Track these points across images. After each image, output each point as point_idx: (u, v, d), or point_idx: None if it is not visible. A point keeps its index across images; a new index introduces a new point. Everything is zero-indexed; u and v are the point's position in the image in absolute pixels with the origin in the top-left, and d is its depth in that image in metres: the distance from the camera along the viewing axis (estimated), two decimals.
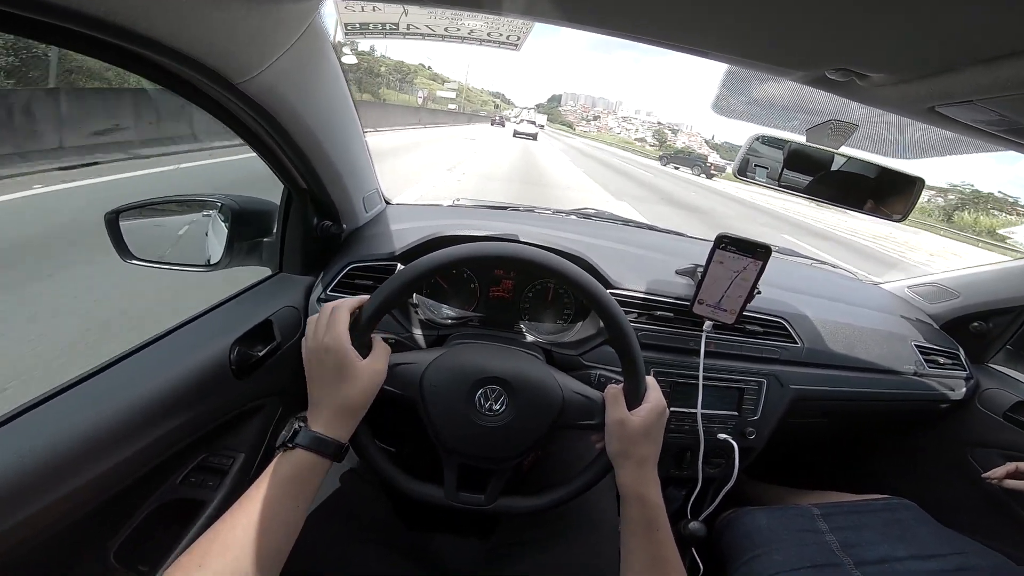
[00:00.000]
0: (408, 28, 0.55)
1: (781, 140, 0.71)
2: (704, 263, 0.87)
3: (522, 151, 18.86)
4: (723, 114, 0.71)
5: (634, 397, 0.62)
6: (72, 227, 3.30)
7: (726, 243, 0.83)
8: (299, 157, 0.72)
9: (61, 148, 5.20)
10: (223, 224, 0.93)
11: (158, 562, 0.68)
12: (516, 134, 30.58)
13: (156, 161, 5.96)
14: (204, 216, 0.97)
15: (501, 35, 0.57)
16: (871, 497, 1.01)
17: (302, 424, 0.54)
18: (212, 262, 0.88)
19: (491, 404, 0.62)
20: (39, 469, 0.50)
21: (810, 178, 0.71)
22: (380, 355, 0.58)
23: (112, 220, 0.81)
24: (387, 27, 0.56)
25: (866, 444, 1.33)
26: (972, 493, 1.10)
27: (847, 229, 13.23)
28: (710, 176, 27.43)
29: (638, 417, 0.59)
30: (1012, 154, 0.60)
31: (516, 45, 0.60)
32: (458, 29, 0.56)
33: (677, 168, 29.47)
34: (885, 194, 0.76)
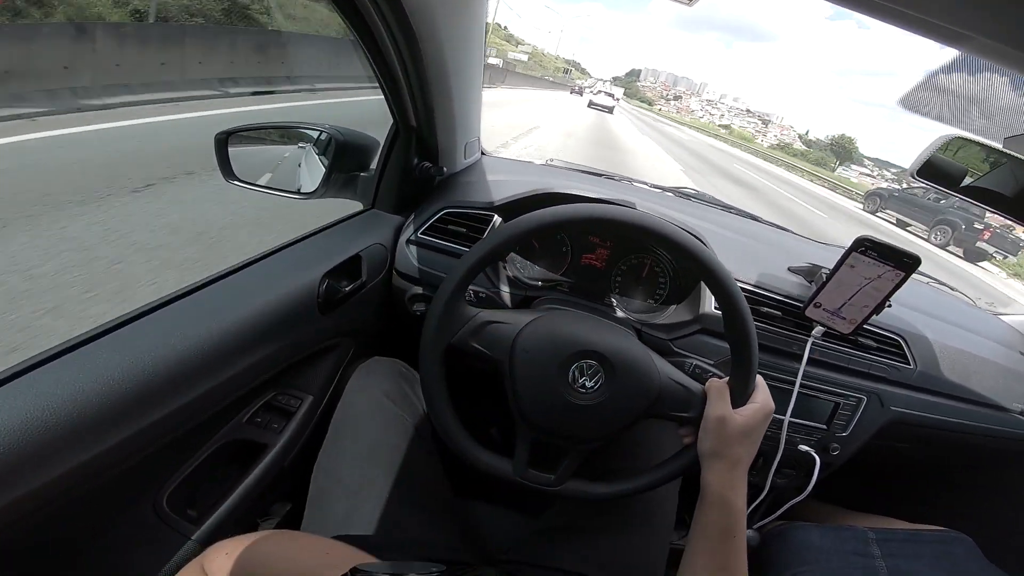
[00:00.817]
0: None
1: (981, 145, 0.60)
2: (827, 265, 0.79)
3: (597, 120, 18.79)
4: (913, 109, 0.61)
5: (741, 394, 0.56)
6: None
7: (866, 247, 0.74)
8: (422, 90, 0.68)
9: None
10: (317, 156, 0.92)
11: (209, 508, 0.64)
12: (591, 104, 29.13)
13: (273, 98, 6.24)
14: (299, 147, 0.96)
15: None
16: (928, 527, 0.95)
17: None
18: (306, 191, 0.87)
19: (585, 380, 0.58)
20: (100, 408, 0.44)
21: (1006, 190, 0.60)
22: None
23: (222, 141, 0.82)
24: None
25: (943, 475, 1.24)
26: None
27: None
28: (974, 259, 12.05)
29: (742, 416, 0.54)
30: None
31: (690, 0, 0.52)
32: None
33: (907, 226, 13.72)
34: None
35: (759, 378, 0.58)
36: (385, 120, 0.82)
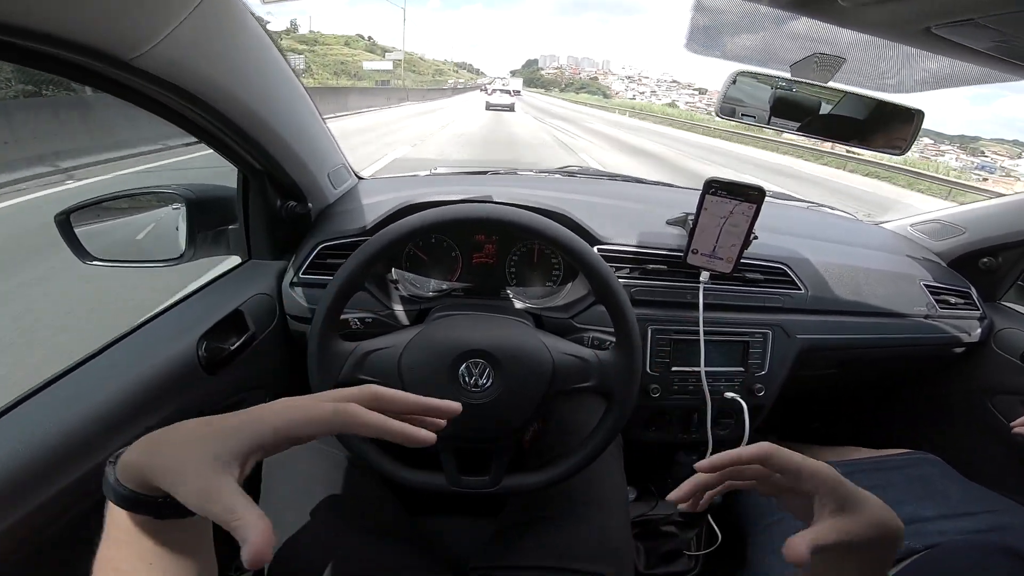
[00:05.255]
0: None
1: (767, 75, 0.65)
2: (695, 211, 0.82)
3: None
4: (699, 52, 0.65)
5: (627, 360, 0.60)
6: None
7: (716, 187, 0.77)
8: (242, 137, 0.66)
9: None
10: (182, 215, 0.89)
11: None
12: (489, 106, 24.78)
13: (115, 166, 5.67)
14: (174, 209, 0.93)
15: None
16: (892, 452, 0.96)
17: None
18: (175, 256, 0.84)
19: (476, 379, 0.59)
20: None
21: (801, 114, 0.65)
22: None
23: (63, 221, 0.76)
24: None
25: (882, 396, 1.28)
26: (996, 444, 1.05)
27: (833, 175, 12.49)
28: None
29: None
30: (987, 93, 0.53)
31: None
32: None
33: None
34: (883, 127, 0.71)
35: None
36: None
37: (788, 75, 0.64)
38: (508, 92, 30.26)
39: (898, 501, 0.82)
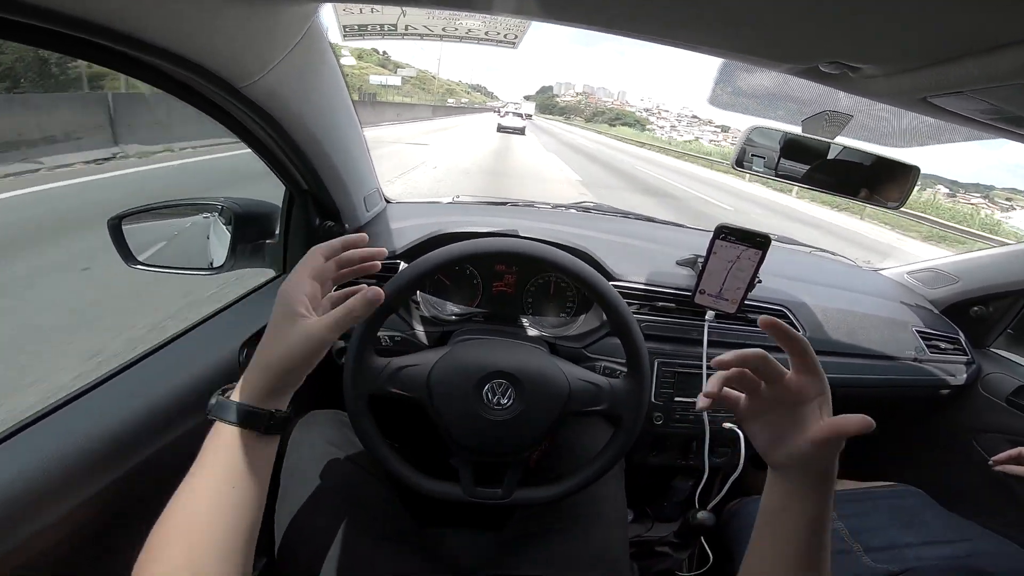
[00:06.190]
0: (407, 29, 0.56)
1: (777, 131, 0.71)
2: (704, 254, 0.88)
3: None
4: (720, 107, 0.72)
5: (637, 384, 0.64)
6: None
7: (725, 233, 0.83)
8: (300, 159, 0.72)
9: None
10: (224, 227, 0.94)
11: None
12: (500, 128, 25.27)
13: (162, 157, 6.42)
14: (204, 218, 0.98)
15: (499, 34, 0.57)
16: (877, 484, 1.01)
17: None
18: (215, 265, 0.89)
19: (499, 398, 0.63)
20: (35, 489, 0.48)
21: (807, 167, 0.72)
22: (328, 322, 0.46)
23: (115, 226, 0.81)
24: (385, 28, 0.57)
25: (875, 434, 1.33)
26: (977, 478, 1.10)
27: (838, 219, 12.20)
28: None
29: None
30: (997, 140, 0.60)
31: (514, 43, 0.61)
32: (456, 29, 0.57)
33: None
34: (881, 182, 0.77)
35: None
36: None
37: (798, 130, 0.70)
38: (520, 115, 31.14)
39: (881, 528, 0.88)
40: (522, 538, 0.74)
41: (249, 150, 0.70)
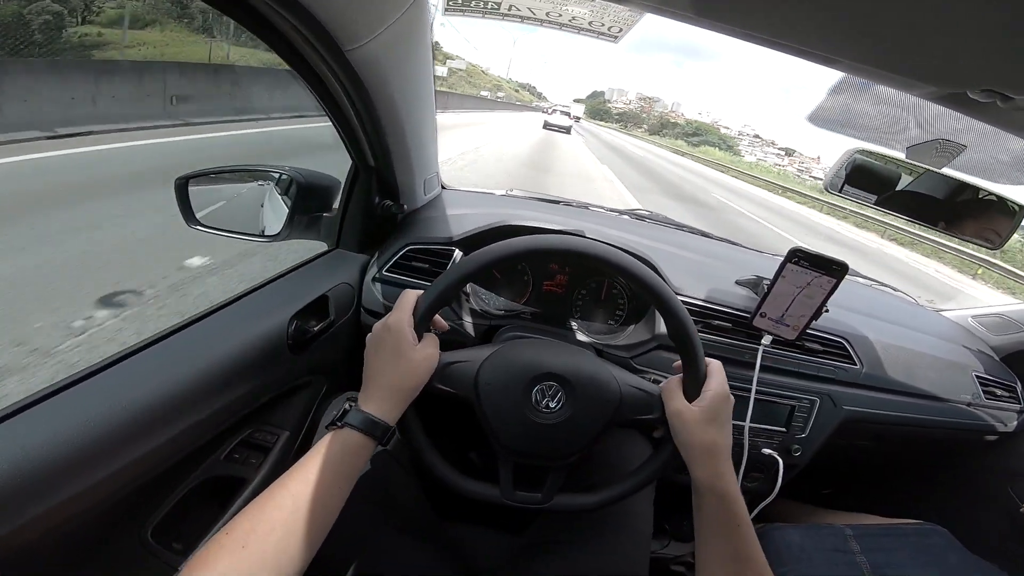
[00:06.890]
0: (510, 9, 0.53)
1: (884, 157, 0.67)
2: (771, 276, 0.84)
3: None
4: (821, 125, 0.67)
5: (694, 388, 0.60)
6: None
7: (799, 257, 0.79)
8: (376, 132, 0.71)
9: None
10: (280, 196, 0.93)
11: (194, 540, 0.66)
12: (546, 125, 27.14)
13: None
14: (260, 186, 0.97)
15: (603, 25, 0.55)
16: (903, 521, 0.99)
17: (352, 403, 0.54)
18: (270, 233, 0.89)
19: (547, 401, 0.61)
20: (81, 448, 0.47)
21: (916, 201, 0.67)
22: (431, 341, 0.58)
23: (181, 186, 0.82)
24: (489, 5, 0.54)
25: (906, 470, 1.29)
26: (1006, 524, 1.08)
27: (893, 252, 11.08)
28: None
29: (698, 406, 0.57)
30: None
31: (616, 38, 0.58)
32: (560, 15, 0.54)
33: None
34: (979, 219, 0.72)
35: (715, 364, 0.61)
36: (336, 143, 0.85)
37: (903, 156, 0.66)
38: (568, 115, 31.64)
39: (902, 565, 0.86)
40: (542, 545, 0.72)
41: (293, 127, 0.69)
